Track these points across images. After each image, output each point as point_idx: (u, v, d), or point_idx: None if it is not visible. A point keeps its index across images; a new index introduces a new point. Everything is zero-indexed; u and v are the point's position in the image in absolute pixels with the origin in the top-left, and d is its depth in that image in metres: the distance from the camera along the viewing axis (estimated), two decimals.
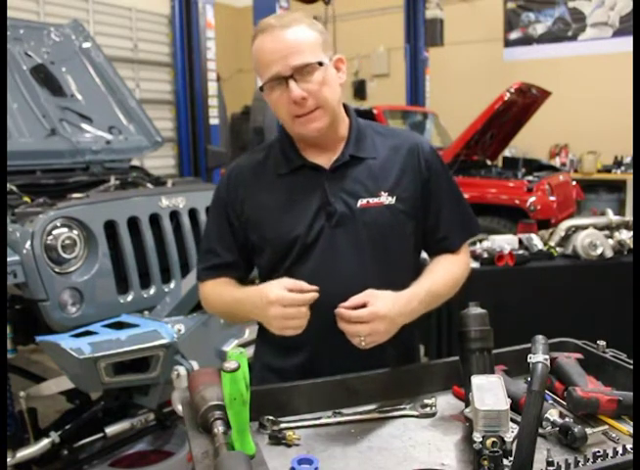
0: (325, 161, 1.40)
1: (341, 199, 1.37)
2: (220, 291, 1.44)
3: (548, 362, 1.08)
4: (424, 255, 1.52)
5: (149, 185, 3.41)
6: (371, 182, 1.39)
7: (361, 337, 1.22)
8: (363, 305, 1.23)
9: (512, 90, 5.64)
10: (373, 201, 1.37)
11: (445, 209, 1.45)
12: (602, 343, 1.38)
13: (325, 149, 1.41)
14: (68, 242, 2.47)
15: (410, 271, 1.43)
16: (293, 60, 1.29)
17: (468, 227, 1.51)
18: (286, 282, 1.24)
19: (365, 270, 1.36)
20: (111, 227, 2.63)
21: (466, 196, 1.57)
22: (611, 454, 0.99)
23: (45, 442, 2.46)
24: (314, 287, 1.23)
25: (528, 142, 7.91)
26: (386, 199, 1.38)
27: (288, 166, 1.41)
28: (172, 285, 2.80)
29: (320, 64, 1.32)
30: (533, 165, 6.75)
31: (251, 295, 1.31)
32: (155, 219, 2.81)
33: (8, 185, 2.77)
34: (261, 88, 1.35)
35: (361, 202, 1.37)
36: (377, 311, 1.21)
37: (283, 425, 1.18)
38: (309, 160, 1.40)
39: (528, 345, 1.17)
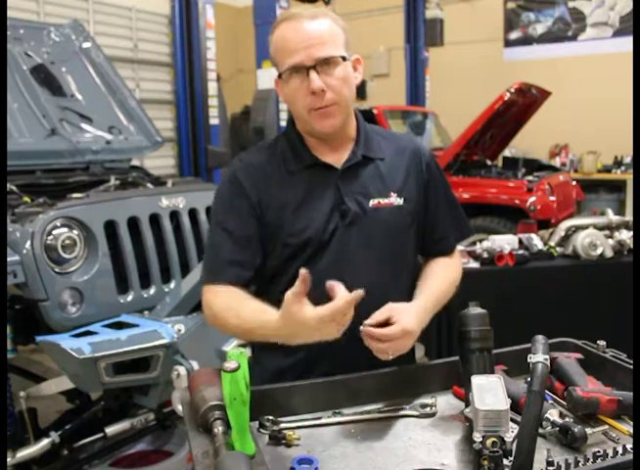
0: (335, 160, 1.40)
1: (354, 198, 1.37)
2: (237, 309, 1.28)
3: (548, 362, 1.08)
4: None
5: (149, 185, 3.41)
6: (380, 183, 1.40)
7: (390, 351, 1.22)
8: (386, 320, 1.23)
9: (512, 90, 5.63)
10: (384, 201, 1.39)
11: (442, 211, 1.48)
12: (602, 343, 1.38)
13: (334, 148, 1.41)
14: (68, 242, 2.48)
15: (411, 271, 1.46)
16: (317, 51, 1.28)
17: (461, 229, 1.54)
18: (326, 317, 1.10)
19: (374, 270, 1.37)
20: (111, 227, 2.63)
21: (466, 196, 1.60)
22: (611, 454, 0.99)
23: (45, 442, 2.46)
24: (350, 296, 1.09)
25: (528, 142, 7.90)
26: (395, 199, 1.39)
27: (299, 164, 1.40)
28: (172, 285, 2.81)
29: (343, 59, 1.33)
30: (533, 165, 6.74)
31: (279, 326, 1.15)
32: (155, 219, 2.81)
33: (8, 185, 2.77)
34: (280, 76, 1.33)
35: (373, 202, 1.38)
36: (405, 327, 1.22)
37: (283, 425, 1.18)
38: (321, 158, 1.40)
39: (528, 345, 1.17)
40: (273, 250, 1.39)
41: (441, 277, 1.43)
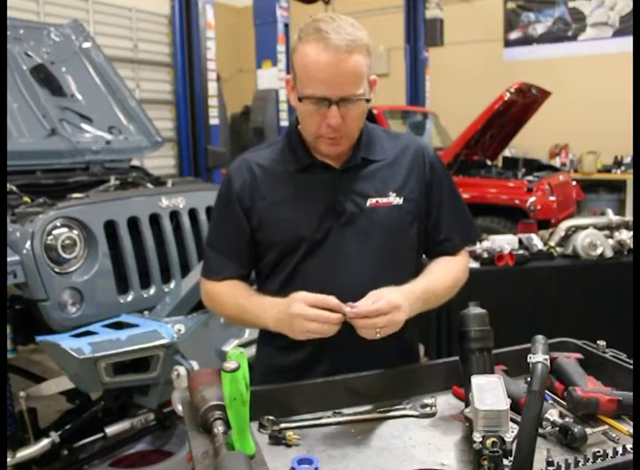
0: (335, 160, 1.40)
1: (350, 198, 1.38)
2: (233, 293, 1.42)
3: (548, 362, 1.08)
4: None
5: (149, 185, 3.41)
6: (380, 182, 1.40)
7: (377, 329, 1.21)
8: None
9: (512, 90, 5.63)
10: (382, 201, 1.39)
11: (446, 211, 1.47)
12: (602, 343, 1.38)
13: None
14: (68, 242, 2.48)
15: (413, 271, 1.44)
16: (345, 90, 1.28)
17: (467, 232, 1.53)
18: (310, 299, 1.22)
19: (372, 269, 1.37)
20: (111, 227, 2.63)
21: (466, 196, 1.59)
22: (611, 454, 0.99)
23: (45, 442, 2.46)
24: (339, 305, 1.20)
25: (528, 142, 7.90)
26: (394, 199, 1.39)
27: (297, 164, 1.41)
28: (172, 285, 2.81)
29: (367, 100, 1.33)
30: (533, 165, 6.74)
31: (272, 304, 1.30)
32: (155, 219, 2.81)
33: (8, 185, 2.77)
34: (300, 99, 1.31)
35: (370, 201, 1.38)
36: (392, 301, 1.21)
37: (283, 425, 1.18)
38: (319, 158, 1.41)
39: (528, 345, 1.17)
40: (268, 247, 1.41)
41: (439, 271, 1.42)
